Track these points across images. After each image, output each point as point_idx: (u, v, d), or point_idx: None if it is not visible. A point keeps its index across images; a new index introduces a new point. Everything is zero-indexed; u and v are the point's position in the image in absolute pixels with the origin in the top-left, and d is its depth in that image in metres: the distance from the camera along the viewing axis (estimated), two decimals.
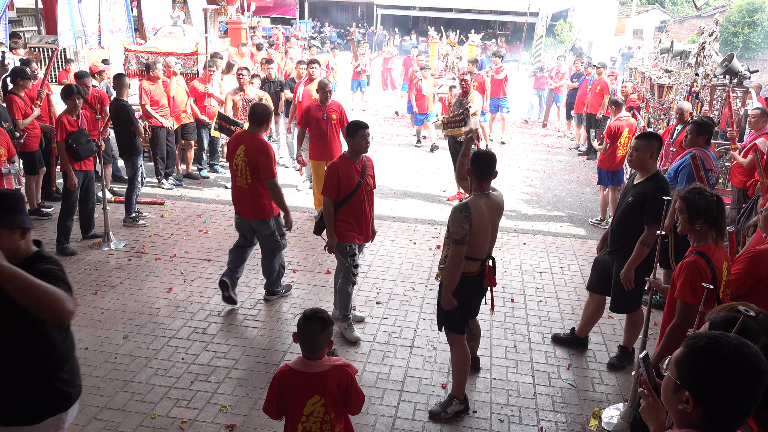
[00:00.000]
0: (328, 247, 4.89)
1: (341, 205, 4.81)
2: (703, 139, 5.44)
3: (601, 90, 11.20)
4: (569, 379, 4.60)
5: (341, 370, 2.74)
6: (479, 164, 3.86)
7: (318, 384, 2.70)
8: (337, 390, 2.72)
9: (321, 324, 2.70)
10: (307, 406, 2.69)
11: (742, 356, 1.57)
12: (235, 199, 5.32)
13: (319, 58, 15.81)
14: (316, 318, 2.71)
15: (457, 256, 3.76)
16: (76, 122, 6.32)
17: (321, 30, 35.63)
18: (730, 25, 25.45)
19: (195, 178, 9.27)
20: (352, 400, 2.79)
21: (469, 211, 3.73)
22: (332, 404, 2.72)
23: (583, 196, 9.37)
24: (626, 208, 4.41)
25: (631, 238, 4.34)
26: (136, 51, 9.76)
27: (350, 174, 4.77)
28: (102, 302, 5.41)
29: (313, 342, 2.71)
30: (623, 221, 4.46)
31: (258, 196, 5.15)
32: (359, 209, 4.87)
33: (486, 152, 3.95)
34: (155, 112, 8.26)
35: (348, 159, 4.83)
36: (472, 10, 35.74)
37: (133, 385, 4.27)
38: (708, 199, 3.27)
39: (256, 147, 5.05)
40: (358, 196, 4.82)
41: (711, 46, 8.51)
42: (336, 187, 4.73)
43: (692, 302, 3.16)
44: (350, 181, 4.76)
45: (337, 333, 5.01)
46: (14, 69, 7.33)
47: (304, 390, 2.70)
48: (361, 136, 4.76)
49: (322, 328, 2.70)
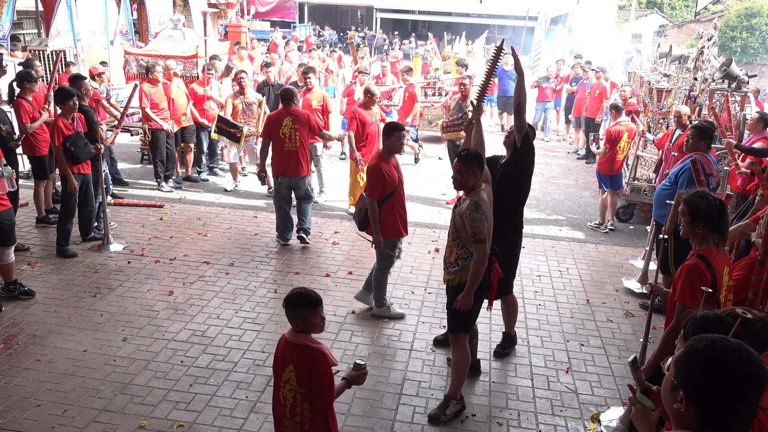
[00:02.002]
0: (375, 244, 5.15)
1: (385, 201, 5.09)
2: (704, 144, 5.45)
3: (600, 94, 11.22)
4: (568, 382, 4.60)
5: (309, 352, 2.80)
6: (483, 165, 3.95)
7: (293, 355, 2.82)
8: (300, 368, 2.80)
9: (303, 300, 2.85)
10: (285, 373, 2.84)
11: (739, 360, 1.57)
12: (281, 163, 6.58)
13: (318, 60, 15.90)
14: (299, 294, 2.87)
15: (483, 255, 3.83)
16: (72, 126, 6.28)
17: (320, 33, 35.69)
18: (728, 29, 25.52)
19: (194, 181, 9.28)
20: (312, 385, 2.79)
21: (482, 208, 3.80)
22: (300, 380, 2.80)
23: (581, 200, 9.39)
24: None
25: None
26: (136, 54, 9.76)
27: (391, 171, 5.10)
28: (101, 305, 5.40)
29: (290, 315, 2.86)
30: None
31: (303, 156, 6.61)
32: (401, 204, 5.23)
33: (474, 150, 4.03)
34: (155, 115, 8.27)
35: (386, 157, 5.14)
36: (472, 14, 35.81)
37: (132, 387, 4.26)
38: (710, 203, 3.28)
39: (303, 116, 6.62)
40: (399, 192, 5.18)
41: (709, 50, 8.55)
42: (382, 187, 5.04)
43: (691, 305, 3.16)
44: (392, 178, 5.09)
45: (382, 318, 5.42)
46: (20, 73, 7.27)
47: (285, 357, 2.86)
48: (396, 137, 5.10)
49: (303, 303, 2.84)
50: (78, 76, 7.15)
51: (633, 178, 8.29)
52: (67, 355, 4.61)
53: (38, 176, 7.22)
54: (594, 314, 5.68)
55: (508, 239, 4.56)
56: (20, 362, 4.49)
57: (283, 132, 6.47)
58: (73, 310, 5.28)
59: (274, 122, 6.56)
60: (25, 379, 4.29)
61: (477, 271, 3.85)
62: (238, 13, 20.13)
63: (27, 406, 4.00)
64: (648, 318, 4.06)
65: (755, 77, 11.03)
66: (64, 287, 5.71)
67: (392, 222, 5.16)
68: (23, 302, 5.38)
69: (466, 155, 3.91)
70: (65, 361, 4.52)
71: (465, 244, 3.92)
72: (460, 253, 3.96)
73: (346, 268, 6.41)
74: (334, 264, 6.53)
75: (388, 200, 5.08)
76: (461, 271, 3.97)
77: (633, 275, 6.49)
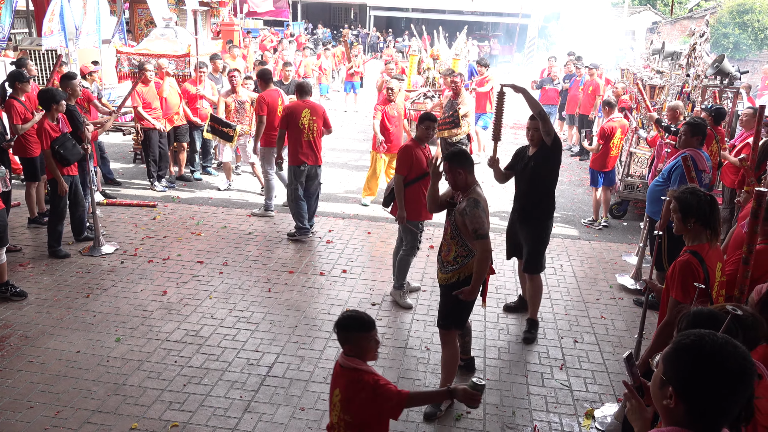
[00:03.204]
0: (399, 219, 5.41)
1: (412, 184, 5.36)
2: (696, 140, 5.46)
3: (593, 91, 11.24)
4: (562, 379, 4.61)
5: (353, 376, 2.67)
6: (468, 161, 3.97)
7: (341, 377, 2.74)
8: (346, 392, 2.69)
9: (354, 323, 2.75)
10: (333, 395, 2.78)
11: (726, 354, 1.57)
12: (305, 152, 6.88)
13: (312, 60, 15.88)
14: (350, 318, 2.77)
15: (487, 251, 3.86)
16: (57, 127, 6.19)
17: (314, 31, 35.61)
18: (720, 26, 25.59)
19: (188, 180, 9.24)
20: (352, 410, 2.68)
21: (481, 204, 3.84)
22: (344, 406, 2.70)
23: (575, 197, 9.40)
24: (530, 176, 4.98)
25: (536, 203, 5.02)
26: (127, 53, 9.71)
27: (420, 157, 5.35)
28: (94, 305, 5.38)
29: (342, 339, 2.76)
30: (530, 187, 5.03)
31: (320, 147, 7.05)
32: (423, 192, 5.34)
33: (457, 149, 4.06)
34: (148, 114, 8.23)
35: (418, 143, 5.42)
36: (465, 11, 35.82)
37: (126, 388, 4.24)
38: (700, 199, 3.29)
39: (319, 109, 7.04)
40: (427, 180, 5.24)
41: (702, 47, 8.57)
42: (409, 165, 5.32)
43: (683, 301, 3.17)
44: (420, 163, 5.33)
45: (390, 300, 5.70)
46: (11, 73, 7.20)
47: (335, 380, 2.81)
48: (425, 126, 5.40)
49: (355, 327, 2.74)
50: (67, 75, 7.02)
51: (626, 175, 8.31)
52: (59, 356, 4.59)
53: (30, 177, 7.16)
54: (588, 311, 5.69)
55: (543, 222, 5.08)
56: (12, 364, 4.46)
57: (302, 123, 6.83)
58: (66, 311, 5.25)
59: (294, 113, 6.85)
60: (18, 381, 4.26)
61: (482, 266, 3.88)
62: (231, 11, 20.05)
63: (19, 408, 3.98)
64: (642, 314, 4.07)
65: (747, 73, 11.04)
66: (57, 288, 5.68)
67: (416, 205, 5.39)
68: (15, 303, 5.34)
69: (448, 155, 3.97)
70: (58, 362, 4.50)
71: (464, 241, 3.93)
72: (459, 251, 3.97)
73: (340, 267, 6.40)
74: (329, 262, 6.52)
75: (415, 184, 5.37)
76: (460, 269, 3.98)
77: (627, 272, 6.50)
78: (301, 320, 5.28)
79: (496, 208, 8.60)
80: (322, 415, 4.03)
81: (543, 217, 5.07)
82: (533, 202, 5.01)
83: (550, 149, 4.88)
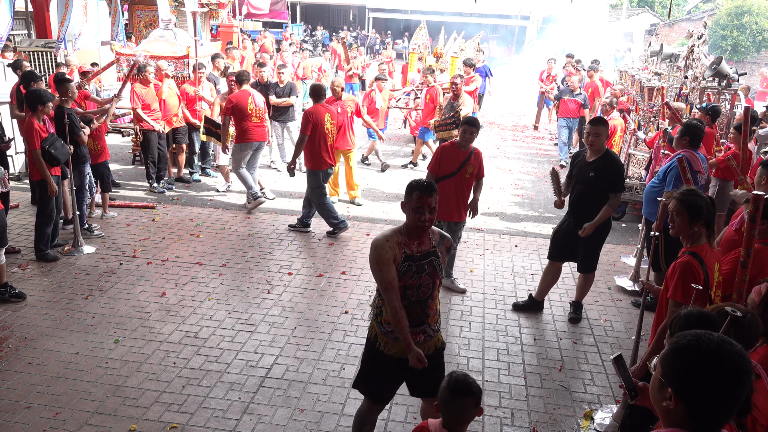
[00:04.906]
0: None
1: (442, 180, 5.49)
2: (685, 141, 5.48)
3: (592, 92, 11.25)
4: (561, 380, 4.61)
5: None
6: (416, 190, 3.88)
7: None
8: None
9: (474, 399, 2.46)
10: None
11: (723, 354, 1.58)
12: (331, 155, 7.09)
13: (312, 62, 15.89)
14: (471, 392, 2.45)
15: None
16: (46, 127, 6.10)
17: (313, 33, 35.63)
18: (718, 28, 25.66)
19: (186, 182, 9.24)
20: None
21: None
22: None
23: None
24: (588, 182, 5.17)
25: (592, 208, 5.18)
26: (127, 55, 9.72)
27: (451, 159, 5.53)
28: (93, 307, 5.38)
29: (462, 417, 2.46)
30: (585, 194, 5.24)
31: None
32: (450, 192, 5.55)
33: (421, 181, 3.34)
34: (147, 116, 8.23)
35: (457, 146, 5.56)
36: (464, 13, 35.83)
37: (125, 389, 4.24)
38: (706, 201, 3.31)
39: (335, 112, 7.22)
40: (451, 182, 5.56)
41: (700, 49, 8.59)
42: (438, 163, 5.54)
43: (683, 302, 3.18)
44: (448, 165, 5.53)
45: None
46: (24, 74, 7.11)
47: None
48: (463, 131, 5.51)
49: (475, 403, 2.46)
50: (63, 78, 6.78)
51: (624, 176, 8.31)
52: (58, 357, 4.58)
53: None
54: (586, 312, 5.70)
55: (604, 222, 5.21)
56: (11, 365, 4.46)
57: (327, 127, 6.99)
58: (65, 313, 5.25)
59: (318, 118, 6.94)
60: (16, 383, 4.26)
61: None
62: (229, 12, 20.07)
63: (18, 410, 3.98)
64: (640, 316, 4.07)
65: (745, 75, 11.08)
66: (56, 289, 5.68)
67: (444, 203, 5.32)
68: (14, 305, 5.34)
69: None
70: (56, 364, 4.50)
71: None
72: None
73: (339, 268, 6.40)
74: (327, 264, 6.52)
75: (446, 181, 5.50)
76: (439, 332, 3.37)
77: (625, 273, 6.51)
78: (300, 322, 5.28)
79: (496, 209, 8.61)
80: (320, 417, 4.03)
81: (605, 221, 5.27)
82: (595, 206, 5.15)
83: (611, 155, 5.18)
